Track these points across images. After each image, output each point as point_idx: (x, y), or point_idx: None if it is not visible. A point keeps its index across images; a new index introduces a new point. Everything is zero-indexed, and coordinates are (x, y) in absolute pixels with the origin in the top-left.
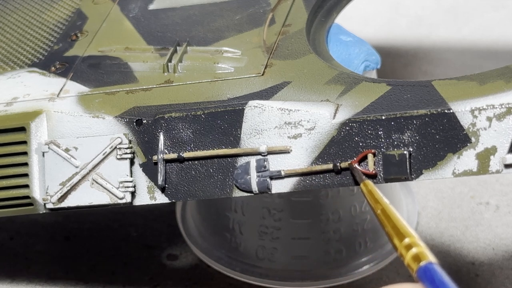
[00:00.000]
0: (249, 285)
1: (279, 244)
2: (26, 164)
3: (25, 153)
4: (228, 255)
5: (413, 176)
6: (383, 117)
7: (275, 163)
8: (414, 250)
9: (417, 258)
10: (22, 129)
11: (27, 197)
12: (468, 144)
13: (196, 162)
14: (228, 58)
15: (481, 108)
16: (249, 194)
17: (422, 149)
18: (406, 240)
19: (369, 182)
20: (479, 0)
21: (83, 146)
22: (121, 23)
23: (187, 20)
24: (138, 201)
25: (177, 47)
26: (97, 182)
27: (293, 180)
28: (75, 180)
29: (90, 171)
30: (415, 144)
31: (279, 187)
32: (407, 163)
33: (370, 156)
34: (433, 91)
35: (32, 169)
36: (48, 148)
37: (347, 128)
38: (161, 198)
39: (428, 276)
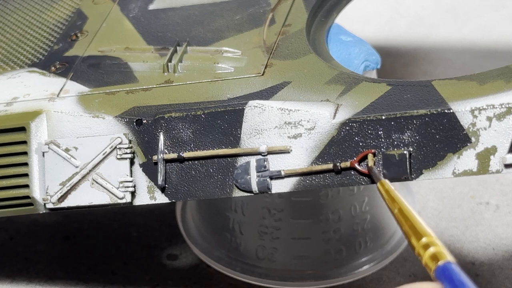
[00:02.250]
0: (249, 285)
1: (279, 244)
2: (26, 164)
3: (25, 153)
4: (228, 255)
5: (413, 176)
6: (383, 117)
7: (275, 163)
8: (431, 250)
9: (434, 257)
10: (22, 129)
11: (27, 197)
12: (468, 144)
13: (196, 162)
14: (228, 58)
15: (481, 108)
16: (249, 194)
17: (422, 149)
18: (424, 240)
19: (386, 181)
20: (479, 0)
21: (83, 146)
22: (121, 23)
23: (187, 20)
24: (138, 201)
25: (177, 47)
26: (97, 182)
27: (293, 180)
28: (75, 180)
29: (90, 171)
30: (415, 144)
31: (279, 187)
32: (407, 163)
33: (370, 156)
34: (433, 91)
35: (32, 169)
36: (48, 148)
37: (347, 128)
38: (161, 198)
39: (446, 275)
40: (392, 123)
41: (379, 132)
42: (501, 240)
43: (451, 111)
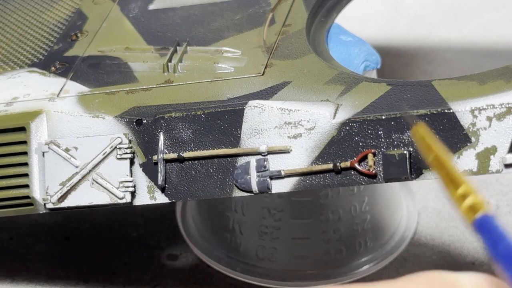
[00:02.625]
0: (249, 285)
1: (279, 244)
2: (26, 164)
3: (25, 153)
4: (228, 255)
5: (413, 176)
6: (383, 117)
7: (275, 163)
8: (469, 200)
9: (473, 208)
10: (22, 129)
11: (27, 197)
12: (468, 144)
13: (196, 162)
14: (228, 58)
15: (481, 108)
16: (249, 194)
17: None
18: (461, 189)
19: (422, 125)
20: (479, 0)
21: (83, 146)
22: (121, 23)
23: (187, 20)
24: (138, 201)
25: (177, 47)
26: (97, 182)
27: (293, 180)
28: (75, 180)
29: (90, 171)
30: (415, 144)
31: (279, 187)
32: (407, 163)
33: (370, 156)
34: (433, 91)
35: (32, 169)
36: (48, 148)
37: (347, 128)
38: (161, 198)
39: (485, 228)
40: (392, 123)
41: (379, 132)
42: None
43: (451, 111)
